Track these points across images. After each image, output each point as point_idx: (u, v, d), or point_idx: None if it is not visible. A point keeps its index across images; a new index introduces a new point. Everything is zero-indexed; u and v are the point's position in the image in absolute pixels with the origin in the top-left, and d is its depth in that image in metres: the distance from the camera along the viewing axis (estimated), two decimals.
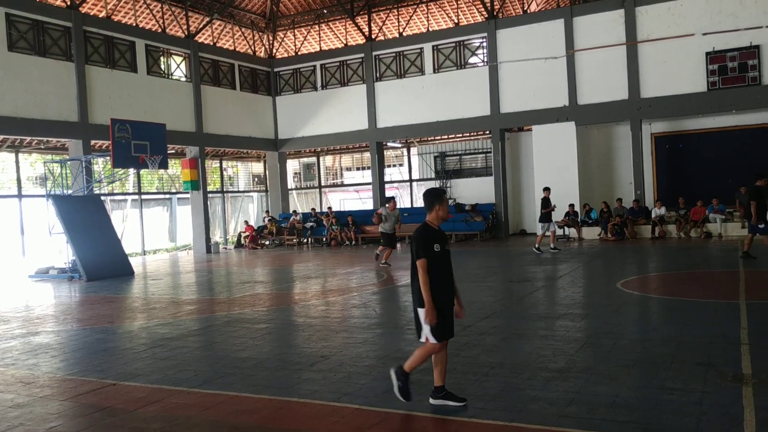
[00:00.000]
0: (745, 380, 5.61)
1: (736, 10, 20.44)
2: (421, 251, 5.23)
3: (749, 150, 21.66)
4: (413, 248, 5.28)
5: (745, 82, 20.37)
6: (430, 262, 5.21)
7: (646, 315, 9.40)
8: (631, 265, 15.13)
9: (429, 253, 5.23)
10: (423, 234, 5.34)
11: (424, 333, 5.25)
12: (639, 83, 21.75)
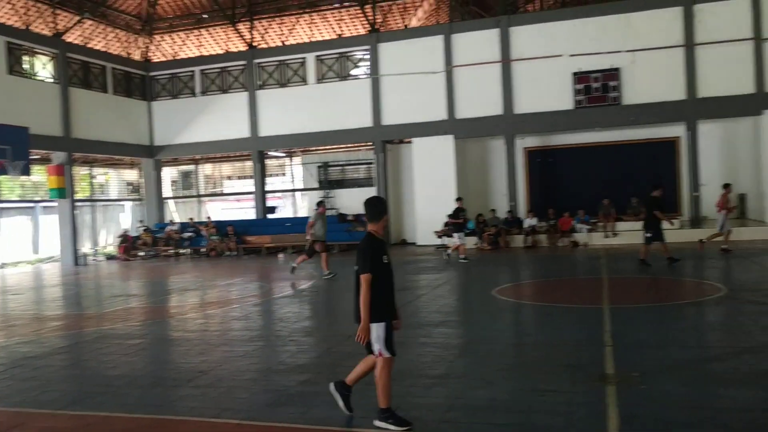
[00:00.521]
0: (608, 380, 5.99)
1: (599, 35, 21.96)
2: (367, 265, 4.94)
3: (611, 164, 23.32)
4: (358, 261, 5.01)
5: (607, 102, 21.90)
6: (378, 276, 4.96)
7: (520, 321, 9.85)
8: (506, 273, 15.79)
9: (376, 266, 4.97)
10: (370, 246, 5.02)
11: (376, 348, 5.01)
12: (513, 100, 22.83)
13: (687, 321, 8.98)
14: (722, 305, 9.60)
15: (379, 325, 4.99)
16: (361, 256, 5.01)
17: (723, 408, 5.21)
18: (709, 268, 14.30)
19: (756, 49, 20.67)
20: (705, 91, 21.09)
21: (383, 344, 4.99)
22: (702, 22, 21.12)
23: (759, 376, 5.97)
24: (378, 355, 5.02)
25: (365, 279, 4.93)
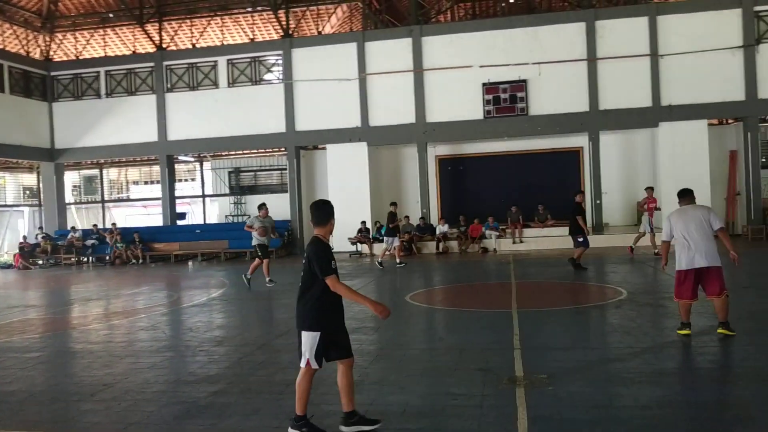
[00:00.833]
0: (517, 382, 6.16)
1: (507, 47, 22.68)
2: (329, 267, 4.86)
3: (519, 173, 24.15)
4: (315, 266, 4.86)
5: (515, 112, 22.61)
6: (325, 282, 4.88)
7: (433, 326, 9.98)
8: (419, 279, 15.98)
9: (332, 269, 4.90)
10: (324, 249, 4.94)
11: (305, 357, 4.92)
12: (425, 108, 23.20)
13: (591, 323, 9.37)
14: (623, 308, 10.07)
15: (315, 334, 4.88)
16: (317, 261, 4.85)
17: (624, 406, 5.45)
18: (611, 272, 14.99)
19: (653, 65, 21.90)
20: (606, 104, 22.16)
21: (313, 354, 4.88)
22: (603, 37, 22.19)
23: (656, 375, 6.29)
24: (305, 364, 4.92)
25: (333, 281, 4.84)
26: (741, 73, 21.61)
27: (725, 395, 5.77)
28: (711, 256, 7.50)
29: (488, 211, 22.39)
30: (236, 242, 23.49)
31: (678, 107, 21.74)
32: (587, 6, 23.14)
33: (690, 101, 21.71)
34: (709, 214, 7.66)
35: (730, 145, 23.32)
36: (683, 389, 5.85)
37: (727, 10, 21.77)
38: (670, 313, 9.52)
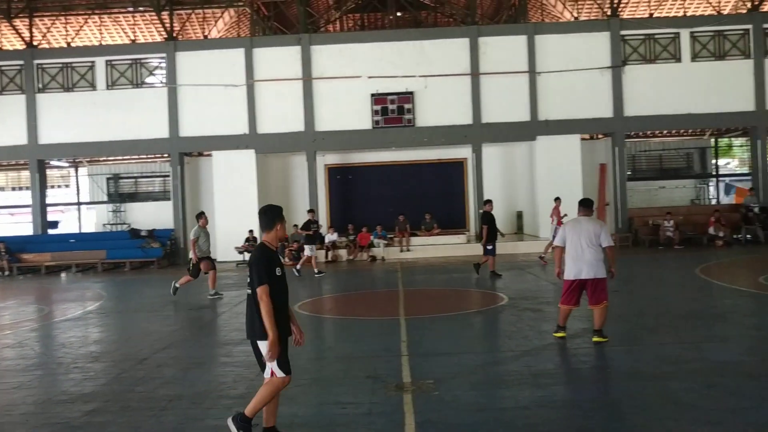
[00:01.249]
0: (405, 388, 6.25)
1: (395, 59, 23.10)
2: (263, 276, 4.68)
3: (407, 182, 24.63)
4: (251, 273, 4.73)
5: (402, 123, 23.03)
6: (271, 288, 4.70)
7: (321, 335, 9.94)
8: (307, 288, 15.87)
9: (271, 278, 4.73)
10: (263, 257, 4.77)
11: (270, 367, 4.75)
12: (314, 117, 23.15)
13: (475, 329, 9.68)
14: (505, 313, 10.48)
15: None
16: (254, 269, 4.73)
17: (506, 407, 5.67)
18: (493, 279, 15.53)
19: (531, 82, 23.02)
20: (488, 117, 23.03)
21: (276, 363, 4.75)
22: (486, 53, 23.09)
23: (535, 377, 6.58)
24: (270, 375, 4.78)
25: (263, 291, 4.67)
26: (609, 92, 23.16)
27: (599, 394, 6.12)
28: (597, 269, 7.79)
29: (376, 219, 22.63)
30: (115, 252, 22.39)
31: (554, 122, 22.97)
32: (471, 23, 24.02)
33: (564, 117, 22.99)
34: (600, 229, 7.88)
35: (600, 159, 24.90)
36: (560, 389, 6.16)
37: (597, 32, 23.30)
38: (548, 317, 10.01)
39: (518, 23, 24.78)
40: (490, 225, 15.32)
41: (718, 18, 24.07)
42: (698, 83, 23.17)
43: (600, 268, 7.81)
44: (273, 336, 4.63)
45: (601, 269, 7.83)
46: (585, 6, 26.66)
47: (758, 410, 5.31)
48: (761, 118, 23.40)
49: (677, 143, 28.89)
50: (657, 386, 6.07)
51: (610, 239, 7.91)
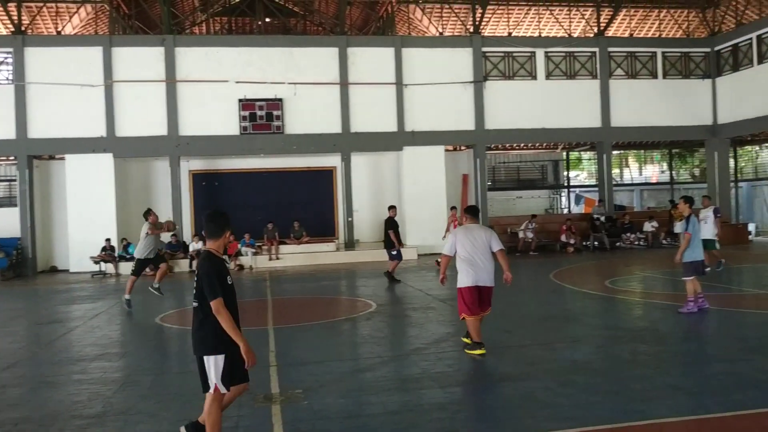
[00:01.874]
0: (274, 399, 6.14)
1: (264, 65, 22.81)
2: (217, 288, 4.41)
3: (276, 190, 24.30)
4: (204, 285, 4.44)
5: (271, 130, 22.76)
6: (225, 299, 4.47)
7: (185, 348, 9.54)
8: (169, 299, 15.23)
9: (224, 288, 4.47)
10: (214, 267, 4.49)
11: (212, 382, 4.51)
12: (178, 121, 22.32)
13: (344, 336, 9.71)
14: (373, 320, 10.59)
15: (218, 357, 4.53)
16: (205, 280, 4.45)
17: (374, 414, 5.72)
18: (362, 286, 15.70)
19: (398, 93, 23.57)
20: (357, 127, 23.31)
21: (220, 378, 4.52)
22: (355, 63, 23.37)
23: (403, 382, 6.70)
24: (213, 390, 4.55)
25: (219, 304, 4.42)
26: (471, 106, 24.21)
27: (464, 396, 6.33)
28: (492, 276, 7.77)
29: (244, 227, 22.15)
30: None
31: (420, 133, 23.65)
32: (340, 33, 24.23)
33: (430, 128, 23.75)
34: (491, 236, 7.84)
35: (463, 169, 25.95)
36: (427, 393, 6.30)
37: (460, 48, 24.30)
38: (414, 323, 10.25)
39: (386, 35, 25.31)
40: (395, 230, 15.52)
41: (569, 40, 25.88)
42: (552, 100, 24.77)
43: (492, 276, 7.78)
44: (244, 344, 4.49)
45: (493, 277, 7.80)
46: (449, 22, 27.72)
47: (606, 404, 5.72)
48: (606, 134, 25.41)
49: (533, 156, 30.71)
50: (517, 386, 6.38)
51: (501, 243, 7.88)
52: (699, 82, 26.50)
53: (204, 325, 4.56)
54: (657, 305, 11.40)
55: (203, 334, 4.57)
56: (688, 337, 8.58)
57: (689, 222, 10.04)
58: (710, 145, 26.96)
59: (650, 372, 6.73)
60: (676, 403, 5.65)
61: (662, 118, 25.83)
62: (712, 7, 27.51)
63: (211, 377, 4.57)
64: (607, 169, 25.88)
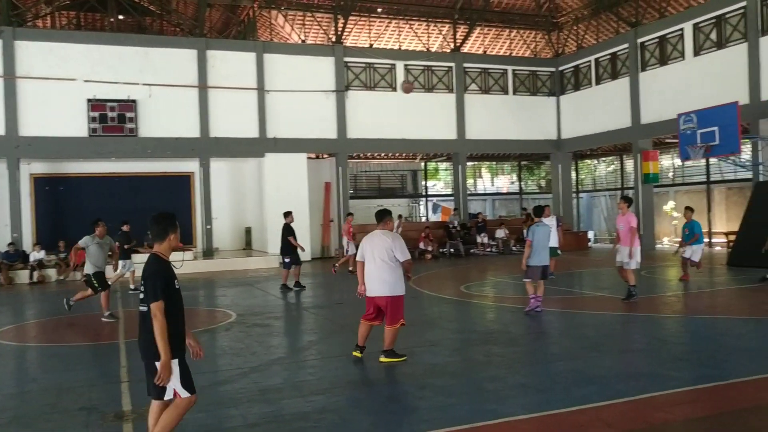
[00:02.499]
0: (125, 417, 5.81)
1: (116, 64, 21.62)
2: (158, 292, 4.27)
3: (129, 196, 23.05)
4: (146, 287, 4.31)
5: (123, 132, 21.60)
6: (169, 304, 4.33)
7: (24, 366, 8.82)
8: (7, 314, 14.00)
9: (167, 292, 4.34)
10: (159, 270, 4.36)
11: (171, 388, 4.34)
12: (18, 120, 20.61)
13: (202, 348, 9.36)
14: (232, 330, 10.33)
15: (173, 362, 4.39)
16: (150, 283, 4.33)
17: (234, 426, 5.58)
18: (221, 296, 15.26)
19: (260, 99, 23.26)
20: (217, 132, 22.72)
21: (179, 382, 4.38)
22: (215, 67, 22.79)
23: (264, 392, 6.59)
24: (174, 396, 4.40)
25: (158, 308, 4.28)
26: (334, 115, 24.41)
27: (326, 404, 6.32)
28: (394, 286, 7.50)
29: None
30: None
31: (282, 140, 23.47)
32: (199, 35, 23.52)
33: (292, 136, 23.64)
34: (393, 243, 7.53)
35: (325, 177, 26.04)
36: (289, 403, 6.23)
37: (323, 57, 24.44)
38: (275, 332, 10.13)
39: (248, 40, 24.91)
40: (292, 237, 15.18)
41: (427, 54, 26.81)
42: (411, 112, 25.54)
43: (397, 285, 7.52)
44: (166, 357, 4.29)
45: (398, 286, 7.55)
46: (312, 30, 27.78)
47: (462, 405, 5.94)
48: (462, 145, 26.57)
49: (393, 165, 31.45)
50: (380, 391, 6.48)
51: (407, 253, 7.58)
52: (545, 99, 28.44)
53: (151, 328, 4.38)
54: (508, 308, 12.03)
55: (151, 338, 4.37)
56: (536, 337, 9.13)
57: (530, 230, 10.78)
58: (555, 158, 28.99)
59: (502, 372, 7.09)
60: (526, 400, 5.99)
61: (512, 132, 27.44)
62: (557, 30, 29.65)
63: (171, 383, 4.42)
64: (462, 179, 27.04)
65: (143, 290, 4.43)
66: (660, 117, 22.96)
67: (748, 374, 6.61)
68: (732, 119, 16.85)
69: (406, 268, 7.56)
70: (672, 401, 5.82)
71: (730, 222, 24.12)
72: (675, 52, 23.03)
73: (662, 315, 10.56)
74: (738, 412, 5.51)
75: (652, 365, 7.28)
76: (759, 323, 9.66)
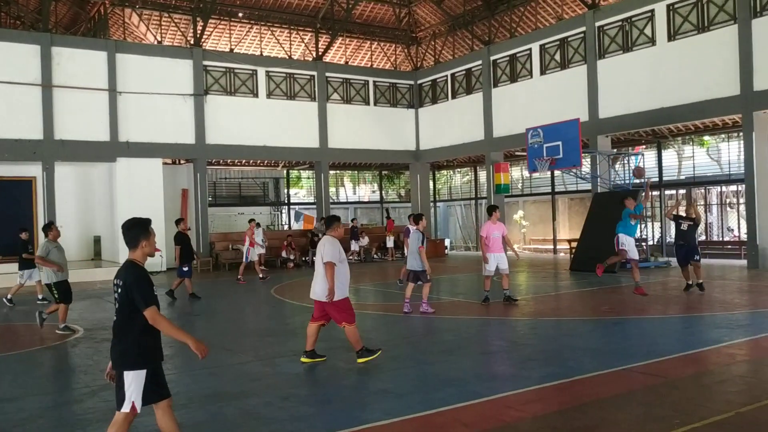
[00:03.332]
0: None
1: None
2: (149, 297, 4.27)
3: None
4: (136, 294, 4.24)
5: None
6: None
7: None
8: None
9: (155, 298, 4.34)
10: (142, 275, 4.34)
11: (130, 401, 4.28)
12: None
13: (44, 367, 8.69)
14: (80, 346, 9.66)
15: (141, 373, 4.31)
16: (136, 290, 4.26)
17: None
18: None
19: (111, 100, 22.03)
20: (63, 134, 21.24)
21: (140, 395, 4.30)
22: (60, 65, 21.30)
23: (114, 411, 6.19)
24: (130, 408, 4.31)
25: (153, 313, 4.27)
26: (192, 119, 23.63)
27: (182, 419, 6.05)
28: (322, 290, 7.68)
29: None
30: None
31: (135, 144, 22.37)
32: (43, 30, 21.89)
33: (147, 140, 22.60)
34: (323, 247, 7.74)
35: (182, 184, 25.12)
36: (142, 421, 5.89)
37: (180, 59, 23.61)
38: None
39: (98, 38, 23.53)
40: (183, 245, 14.50)
41: (289, 62, 26.69)
42: (273, 119, 25.31)
43: (324, 290, 7.65)
44: (192, 339, 4.40)
45: (324, 291, 7.66)
46: (169, 31, 26.76)
47: (323, 415, 5.94)
48: (324, 154, 26.67)
49: (255, 172, 30.94)
50: (239, 404, 6.30)
51: (330, 255, 7.64)
52: (404, 111, 29.25)
53: (125, 337, 4.38)
54: (370, 315, 12.19)
55: (124, 347, 4.37)
56: (396, 343, 9.31)
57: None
58: (414, 168, 29.87)
59: (364, 379, 7.17)
60: (388, 406, 6.08)
61: (374, 142, 27.96)
62: (416, 45, 30.62)
63: (130, 394, 4.32)
64: (325, 187, 27.15)
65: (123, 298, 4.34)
66: (510, 131, 24.36)
67: (589, 371, 7.14)
68: (574, 134, 18.19)
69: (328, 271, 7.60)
70: (523, 399, 6.16)
71: (572, 230, 26.04)
72: (524, 70, 24.56)
73: (512, 318, 11.16)
74: (581, 407, 5.92)
75: (505, 366, 7.66)
76: (597, 324, 10.48)
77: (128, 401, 4.34)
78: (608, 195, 20.20)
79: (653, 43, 20.04)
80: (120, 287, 4.36)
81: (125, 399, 4.33)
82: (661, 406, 5.81)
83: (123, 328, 4.39)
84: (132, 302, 4.31)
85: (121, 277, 4.39)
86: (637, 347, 8.35)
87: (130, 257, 4.51)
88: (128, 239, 4.53)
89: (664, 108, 19.52)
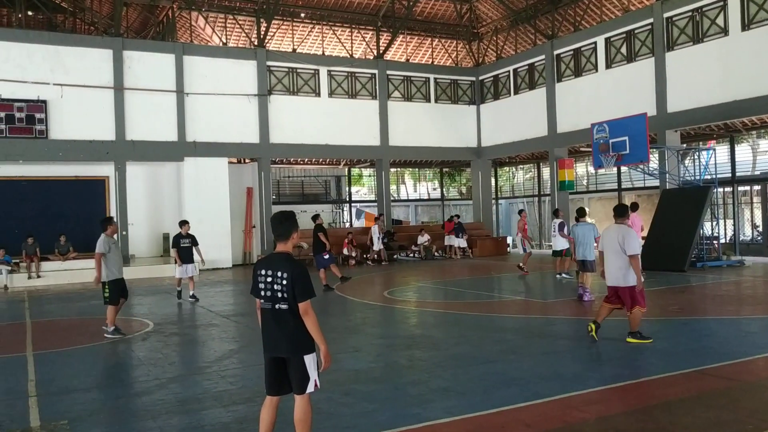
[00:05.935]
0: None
1: (25, 63, 20.62)
2: (310, 290, 4.50)
3: (38, 201, 21.92)
4: (299, 287, 4.46)
5: (33, 134, 20.61)
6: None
7: None
8: None
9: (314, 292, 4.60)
10: (306, 269, 4.58)
11: (312, 380, 4.58)
12: None
13: (117, 359, 9.03)
14: (149, 340, 10.00)
15: (314, 355, 4.66)
16: (300, 282, 4.52)
17: None
18: (137, 305, 14.73)
19: (179, 102, 22.69)
20: (134, 134, 22.00)
21: (316, 374, 4.66)
22: (131, 68, 22.08)
23: (183, 403, 6.40)
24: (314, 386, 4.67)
25: (309, 306, 4.55)
26: (256, 119, 24.09)
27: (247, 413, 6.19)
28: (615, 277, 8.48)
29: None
30: None
31: (202, 144, 22.97)
32: (115, 34, 22.73)
33: (212, 140, 23.18)
34: (621, 238, 8.31)
35: (247, 182, 25.64)
36: (209, 413, 6.08)
37: (245, 60, 24.10)
38: (195, 341, 9.87)
39: (166, 41, 24.27)
40: (324, 234, 15.48)
41: (350, 60, 26.87)
42: (335, 117, 25.53)
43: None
44: (326, 346, 4.58)
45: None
46: (234, 33, 27.35)
47: (385, 410, 5.96)
48: (385, 152, 26.74)
49: (317, 171, 31.31)
50: None
51: (633, 248, 8.27)
52: (466, 107, 29.03)
53: (294, 325, 4.57)
54: (430, 313, 12.17)
55: (295, 333, 4.58)
56: (457, 342, 9.26)
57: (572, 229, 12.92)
58: (475, 165, 29.61)
59: (425, 376, 7.16)
60: (449, 404, 6.06)
61: (434, 139, 27.85)
62: (477, 41, 30.33)
63: (311, 374, 4.61)
64: (386, 185, 27.22)
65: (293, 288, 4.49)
66: (575, 126, 23.85)
67: (657, 372, 6.92)
68: (641, 129, 17.66)
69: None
70: (587, 400, 6.03)
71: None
72: (588, 64, 24.00)
73: (576, 318, 10.93)
74: (647, 409, 5.76)
75: (568, 366, 7.52)
76: (666, 324, 10.15)
77: (311, 381, 4.64)
78: (677, 191, 19.55)
79: (725, 33, 19.26)
80: (284, 279, 4.52)
81: (309, 380, 4.62)
82: (733, 410, 5.59)
83: (294, 317, 4.56)
84: (293, 292, 4.51)
85: (285, 270, 4.54)
86: (708, 348, 8.06)
87: (282, 249, 4.68)
88: (281, 231, 4.69)
89: (736, 101, 18.75)
